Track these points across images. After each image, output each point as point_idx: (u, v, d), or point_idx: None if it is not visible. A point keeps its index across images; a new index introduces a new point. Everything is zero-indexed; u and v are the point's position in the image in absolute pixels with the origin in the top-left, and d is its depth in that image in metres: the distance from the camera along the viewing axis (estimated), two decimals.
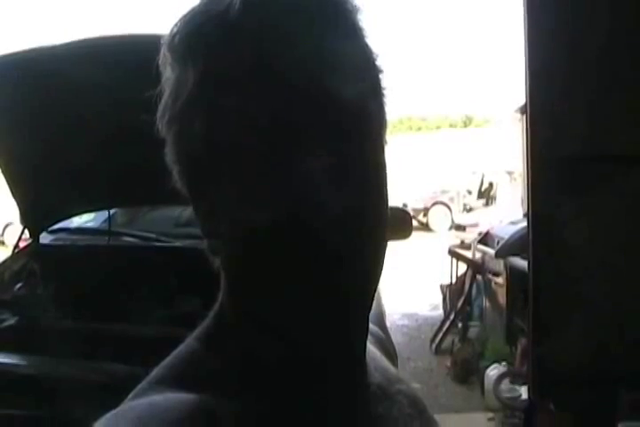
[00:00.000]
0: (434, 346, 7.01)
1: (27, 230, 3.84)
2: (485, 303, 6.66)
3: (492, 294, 6.48)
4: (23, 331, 3.19)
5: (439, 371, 6.41)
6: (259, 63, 0.63)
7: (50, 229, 4.01)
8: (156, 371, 0.71)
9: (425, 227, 17.43)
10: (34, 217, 3.75)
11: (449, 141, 26.87)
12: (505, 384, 5.07)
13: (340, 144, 0.64)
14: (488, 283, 6.56)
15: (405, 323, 8.24)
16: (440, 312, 7.82)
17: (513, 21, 3.38)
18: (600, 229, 2.93)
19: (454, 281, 7.35)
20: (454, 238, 9.82)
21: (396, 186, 0.72)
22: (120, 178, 3.24)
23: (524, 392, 4.62)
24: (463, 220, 15.12)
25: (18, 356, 2.84)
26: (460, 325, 6.78)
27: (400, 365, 1.00)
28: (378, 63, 0.71)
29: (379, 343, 0.91)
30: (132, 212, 4.84)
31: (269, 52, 0.63)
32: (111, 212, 4.20)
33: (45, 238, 3.98)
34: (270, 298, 0.66)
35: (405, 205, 12.72)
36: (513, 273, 5.75)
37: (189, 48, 0.66)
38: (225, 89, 0.64)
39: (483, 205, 17.92)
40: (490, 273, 6.49)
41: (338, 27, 0.66)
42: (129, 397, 0.68)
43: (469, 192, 18.81)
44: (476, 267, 6.79)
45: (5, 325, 3.28)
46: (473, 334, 6.64)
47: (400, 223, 4.22)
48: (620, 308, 2.93)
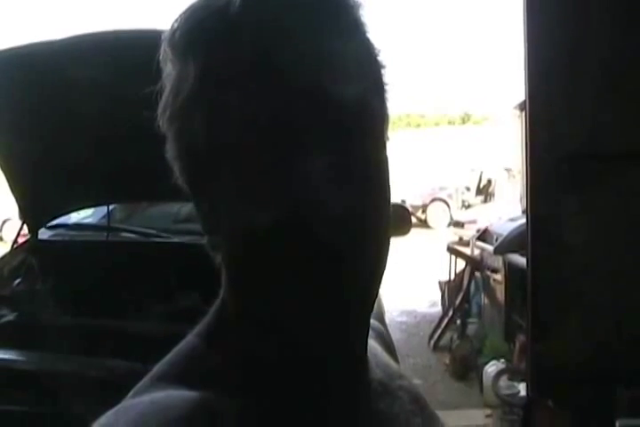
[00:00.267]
0: (432, 343, 7.02)
1: (25, 226, 3.84)
2: (484, 300, 6.66)
3: (490, 291, 6.48)
4: (22, 327, 3.19)
5: (437, 368, 6.42)
6: (259, 59, 0.63)
7: (48, 225, 4.00)
8: (158, 368, 0.71)
9: (423, 223, 17.44)
10: (32, 213, 3.75)
11: (447, 138, 26.83)
12: (503, 381, 5.07)
13: (342, 141, 0.63)
14: (487, 280, 6.56)
15: (404, 320, 8.24)
16: (438, 309, 7.83)
17: (512, 18, 3.38)
18: (599, 227, 2.93)
19: (453, 278, 7.35)
20: (453, 235, 9.82)
21: (394, 182, 0.71)
22: (119, 174, 3.24)
23: (522, 389, 4.62)
24: (462, 216, 15.11)
25: (17, 352, 2.84)
26: (459, 321, 6.78)
27: (397, 367, 0.99)
28: (380, 58, 0.70)
29: (379, 338, 0.91)
30: (131, 208, 4.84)
31: (270, 48, 0.63)
32: (110, 208, 4.19)
33: (44, 234, 3.97)
34: (271, 296, 0.66)
35: (404, 202, 12.74)
36: (512, 270, 5.75)
37: (190, 44, 0.66)
38: (225, 85, 0.64)
39: (481, 201, 17.93)
40: (488, 270, 6.49)
41: (339, 22, 0.66)
42: (130, 394, 0.68)
43: (468, 189, 18.82)
44: (474, 264, 6.79)
45: (4, 320, 3.28)
46: (471, 330, 6.64)
47: (399, 220, 4.22)
48: (619, 305, 2.94)
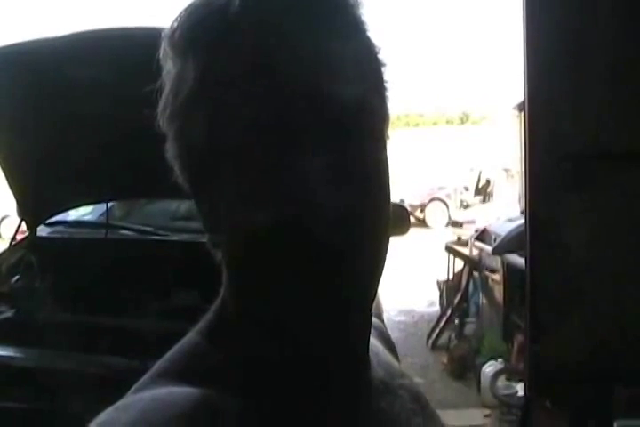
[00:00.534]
0: (430, 342, 7.03)
1: (24, 223, 3.84)
2: (482, 300, 6.67)
3: (488, 291, 6.48)
4: (20, 324, 3.19)
5: (435, 367, 6.43)
6: (260, 58, 0.63)
7: (47, 222, 4.00)
8: (159, 364, 0.70)
9: (422, 223, 17.46)
10: (31, 210, 3.75)
11: (446, 138, 26.85)
12: (501, 381, 5.09)
13: (342, 141, 0.63)
14: (485, 280, 6.57)
15: (402, 319, 8.25)
16: (437, 309, 7.84)
17: (512, 18, 3.38)
18: (598, 227, 2.93)
19: (451, 278, 7.36)
20: (451, 235, 9.82)
21: (393, 182, 0.71)
22: (118, 171, 3.24)
23: (520, 389, 4.62)
24: (460, 216, 15.11)
25: (15, 349, 2.84)
26: (457, 321, 6.79)
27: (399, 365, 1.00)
28: (380, 57, 0.70)
29: (381, 337, 0.91)
30: (130, 205, 4.84)
31: (271, 47, 0.63)
32: (109, 205, 4.20)
33: (43, 231, 3.97)
34: (271, 295, 0.66)
35: (402, 201, 12.75)
36: (510, 270, 5.75)
37: (190, 43, 0.66)
38: (226, 84, 0.64)
39: (480, 201, 17.92)
40: (487, 270, 6.49)
41: (339, 21, 0.66)
42: (131, 390, 0.68)
43: (466, 189, 18.82)
44: (472, 263, 6.80)
45: (3, 317, 3.29)
46: (469, 330, 6.66)
47: (397, 219, 4.22)
48: (618, 305, 2.94)
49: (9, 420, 2.58)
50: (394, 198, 0.74)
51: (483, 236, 6.94)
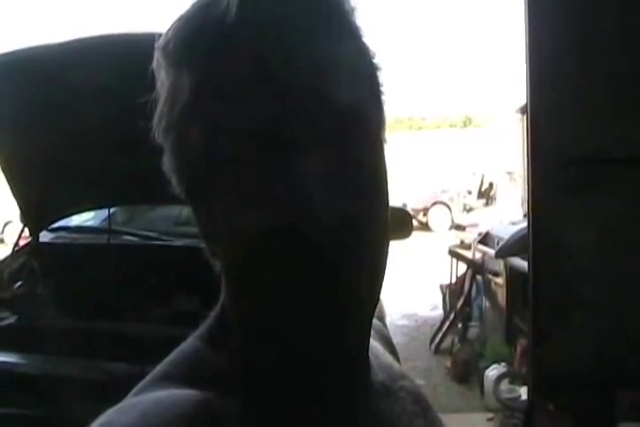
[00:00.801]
0: (433, 346, 7.02)
1: (27, 229, 3.84)
2: (485, 304, 6.66)
3: (491, 295, 6.48)
4: (23, 330, 3.19)
5: (438, 371, 6.42)
6: (256, 68, 0.63)
7: (50, 228, 4.00)
8: (160, 368, 0.71)
9: (425, 227, 17.44)
10: (34, 215, 3.75)
11: (449, 141, 26.87)
12: (504, 385, 5.07)
13: (341, 148, 0.63)
14: (488, 283, 6.56)
15: (405, 323, 8.24)
16: (440, 312, 7.82)
17: (514, 22, 3.38)
18: (600, 231, 2.93)
19: (454, 281, 7.35)
20: (454, 238, 9.81)
21: (395, 186, 0.71)
22: (120, 176, 3.24)
23: (523, 393, 4.62)
24: (463, 220, 15.09)
25: (17, 355, 2.84)
26: (460, 325, 6.78)
27: (400, 368, 1.00)
28: (375, 62, 0.70)
29: (382, 339, 0.91)
30: (132, 210, 4.84)
31: (267, 58, 0.63)
32: (111, 210, 4.20)
33: (45, 237, 3.97)
34: (270, 302, 0.66)
35: (405, 205, 12.72)
36: (513, 274, 5.75)
37: (185, 54, 0.66)
38: (222, 95, 0.64)
39: (483, 205, 17.92)
40: (490, 273, 6.49)
41: (336, 29, 0.66)
42: (132, 392, 0.68)
43: (469, 192, 18.80)
44: (475, 267, 6.79)
45: (5, 323, 3.28)
46: (472, 334, 6.65)
47: (400, 223, 4.22)
48: (620, 309, 2.93)
49: (11, 426, 2.58)
50: (396, 202, 0.74)
51: (485, 239, 6.94)
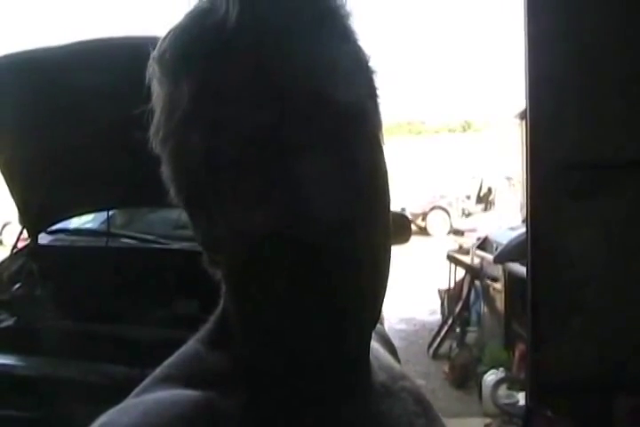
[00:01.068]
0: (431, 351, 7.01)
1: (25, 230, 3.84)
2: (483, 309, 6.66)
3: (490, 300, 6.48)
4: (21, 332, 3.18)
5: (437, 376, 6.40)
6: (255, 74, 0.63)
7: (48, 230, 4.00)
8: (160, 369, 0.71)
9: (423, 231, 17.41)
10: (32, 217, 3.74)
11: (448, 146, 26.85)
12: (502, 390, 5.07)
13: (340, 151, 0.64)
14: (486, 288, 6.56)
15: (403, 327, 8.23)
16: (438, 317, 7.82)
17: (513, 27, 3.38)
18: (599, 235, 2.93)
19: (452, 286, 7.34)
20: (452, 243, 9.81)
21: (394, 190, 0.71)
22: (119, 179, 3.24)
23: (521, 398, 4.62)
24: (462, 225, 15.08)
25: (16, 357, 2.84)
26: (458, 330, 6.78)
27: (400, 368, 1.00)
28: (371, 65, 0.71)
29: (382, 340, 0.91)
30: (131, 213, 4.83)
31: (265, 64, 0.63)
32: (110, 213, 4.19)
33: (44, 239, 3.97)
34: (273, 306, 0.66)
35: (404, 210, 12.72)
36: (511, 279, 5.75)
37: (183, 63, 0.66)
38: (222, 102, 0.64)
39: (481, 210, 17.91)
40: (488, 278, 6.49)
41: (331, 34, 0.67)
42: (133, 393, 0.68)
43: (468, 197, 18.79)
44: (474, 272, 6.79)
45: (4, 325, 3.28)
46: (471, 339, 6.64)
47: (399, 228, 4.21)
48: (619, 314, 2.93)
49: None
50: (395, 207, 0.74)
51: (484, 244, 6.94)
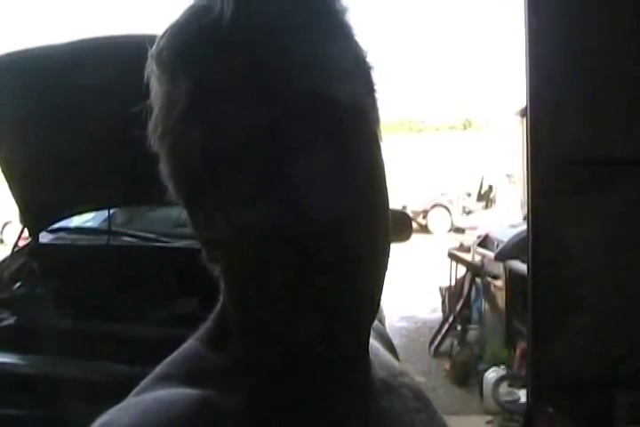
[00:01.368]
0: (432, 349, 7.01)
1: (26, 229, 3.84)
2: (484, 306, 6.66)
3: (491, 297, 6.48)
4: (22, 330, 3.18)
5: (437, 373, 6.41)
6: (253, 72, 0.63)
7: (49, 229, 4.00)
8: (160, 368, 0.71)
9: (424, 229, 17.42)
10: (33, 216, 3.74)
11: (449, 144, 26.84)
12: (504, 387, 5.07)
13: (339, 149, 0.64)
14: (487, 286, 6.56)
15: (404, 325, 8.23)
16: (439, 315, 7.82)
17: (514, 25, 3.38)
18: (600, 233, 2.93)
19: (453, 284, 7.35)
20: (453, 241, 9.82)
21: (395, 188, 0.71)
22: (120, 177, 3.24)
23: (522, 396, 4.62)
24: (462, 222, 15.11)
25: (17, 355, 2.84)
26: (459, 327, 6.78)
27: (399, 365, 1.00)
28: (368, 60, 0.71)
29: (381, 338, 0.91)
30: (132, 212, 4.84)
31: (262, 61, 0.63)
32: (111, 211, 4.20)
33: (45, 238, 3.97)
34: (271, 303, 0.66)
35: (405, 208, 12.75)
36: (512, 276, 5.76)
37: (181, 61, 0.66)
38: (220, 100, 0.64)
39: (482, 207, 17.93)
40: (489, 276, 6.49)
41: (328, 29, 0.67)
42: (133, 392, 0.68)
43: (469, 195, 18.80)
44: (475, 270, 6.79)
45: (4, 324, 3.28)
46: (472, 336, 6.64)
47: (399, 226, 4.21)
48: (620, 311, 2.93)
49: None
50: (396, 204, 0.74)
51: (485, 242, 6.94)
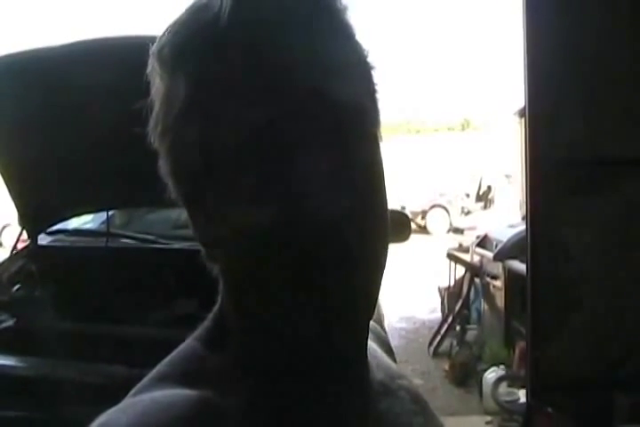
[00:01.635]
0: (432, 349, 7.01)
1: (25, 231, 3.84)
2: (483, 306, 6.66)
3: (490, 298, 6.48)
4: (21, 332, 3.18)
5: (437, 374, 6.41)
6: (252, 70, 0.63)
7: (48, 231, 4.00)
8: (158, 368, 0.71)
9: (423, 230, 17.41)
10: (32, 218, 3.75)
11: (447, 144, 26.84)
12: (503, 388, 5.07)
13: (339, 145, 0.64)
14: (486, 286, 6.56)
15: (403, 326, 8.23)
16: (438, 315, 7.82)
17: (512, 25, 3.38)
18: (598, 233, 2.93)
19: (452, 284, 7.35)
20: (452, 241, 9.82)
21: (394, 188, 0.71)
22: (119, 179, 3.24)
23: (522, 396, 4.62)
24: (461, 223, 15.15)
25: (16, 357, 2.84)
26: (459, 328, 6.78)
27: (397, 368, 1.00)
28: (369, 60, 0.71)
29: (379, 340, 0.91)
30: (131, 213, 4.83)
31: (262, 59, 0.63)
32: (109, 213, 4.19)
33: (43, 240, 3.97)
34: (271, 303, 0.66)
35: (404, 208, 12.74)
36: (511, 276, 5.76)
37: (181, 59, 0.66)
38: (219, 98, 0.64)
39: (481, 208, 17.95)
40: (488, 276, 6.49)
41: (328, 28, 0.66)
42: (131, 393, 0.68)
43: (467, 195, 18.81)
44: (474, 270, 6.79)
45: (3, 326, 3.28)
46: (471, 337, 6.65)
47: (398, 226, 4.21)
48: (619, 311, 2.94)
49: None
50: (395, 205, 0.74)
51: (484, 242, 6.94)
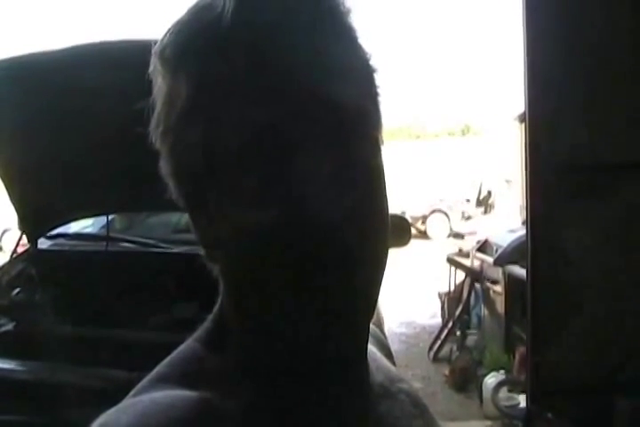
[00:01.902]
0: (432, 354, 7.00)
1: (25, 236, 3.83)
2: (484, 311, 6.66)
3: (490, 302, 6.47)
4: (21, 336, 3.18)
5: (437, 379, 6.40)
6: (254, 71, 0.63)
7: (48, 235, 4.00)
8: (158, 369, 0.71)
9: (423, 235, 17.42)
10: (32, 222, 3.74)
11: (448, 150, 26.87)
12: (503, 393, 5.07)
13: (340, 147, 0.64)
14: (486, 291, 6.56)
15: (403, 331, 8.23)
16: (438, 320, 7.82)
17: (512, 30, 3.39)
18: (599, 237, 2.93)
19: (453, 289, 7.34)
20: (452, 246, 9.82)
21: (394, 193, 0.71)
22: (119, 183, 3.24)
23: (522, 401, 4.62)
24: (461, 228, 15.13)
25: (15, 361, 2.84)
26: (459, 333, 6.78)
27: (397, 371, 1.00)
28: (371, 63, 0.70)
29: (379, 344, 0.91)
30: (131, 217, 4.84)
31: (264, 60, 0.63)
32: (109, 217, 4.19)
33: (43, 244, 3.97)
34: (271, 304, 0.66)
35: (404, 213, 12.72)
36: (511, 281, 5.75)
37: (182, 59, 0.66)
38: (221, 98, 0.64)
39: (481, 213, 17.96)
40: (488, 281, 6.48)
41: (331, 30, 0.66)
42: (130, 394, 0.68)
43: (468, 200, 18.83)
44: (474, 275, 6.78)
45: (3, 330, 3.28)
46: (471, 342, 6.64)
47: (399, 231, 4.22)
48: (619, 315, 2.93)
49: None
50: (395, 210, 0.74)
51: (484, 247, 6.94)
